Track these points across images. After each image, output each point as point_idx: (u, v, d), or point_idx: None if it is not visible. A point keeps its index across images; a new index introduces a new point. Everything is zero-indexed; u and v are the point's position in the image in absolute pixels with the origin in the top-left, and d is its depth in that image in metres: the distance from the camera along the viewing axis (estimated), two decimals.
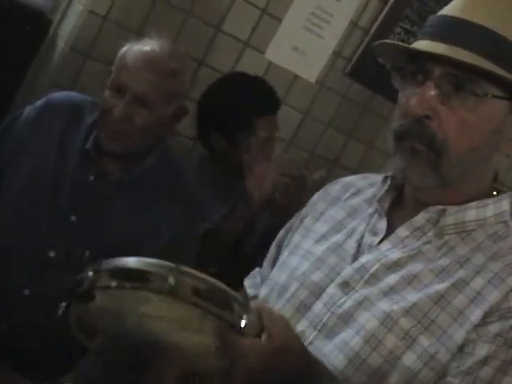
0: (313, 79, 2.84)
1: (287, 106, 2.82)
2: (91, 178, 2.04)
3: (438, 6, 1.26)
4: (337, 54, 2.84)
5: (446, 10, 1.26)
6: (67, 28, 2.39)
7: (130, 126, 1.98)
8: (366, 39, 2.86)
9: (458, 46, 1.20)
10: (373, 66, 2.82)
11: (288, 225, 1.57)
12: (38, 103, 2.13)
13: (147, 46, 2.01)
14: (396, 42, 1.31)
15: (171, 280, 0.99)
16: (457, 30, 1.22)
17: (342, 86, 2.92)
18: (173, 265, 1.01)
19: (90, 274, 1.05)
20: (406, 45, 1.29)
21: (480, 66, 1.18)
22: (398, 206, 1.37)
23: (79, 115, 2.10)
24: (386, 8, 2.85)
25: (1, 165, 2.10)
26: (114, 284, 1.02)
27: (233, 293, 1.04)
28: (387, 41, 1.32)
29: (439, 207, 1.29)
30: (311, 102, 2.88)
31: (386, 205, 1.37)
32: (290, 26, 2.70)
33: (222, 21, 2.57)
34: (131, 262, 1.03)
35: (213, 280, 1.02)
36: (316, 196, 1.54)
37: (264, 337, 1.06)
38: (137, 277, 1.01)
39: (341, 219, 1.43)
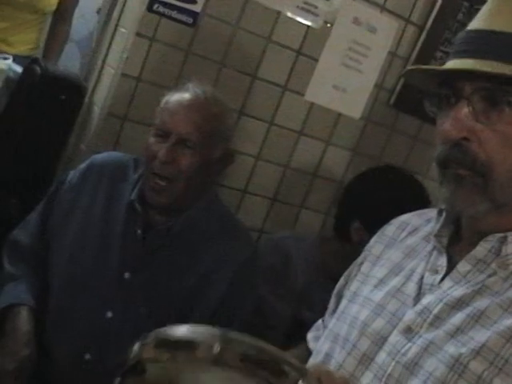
0: (357, 115, 2.77)
1: (334, 146, 2.76)
2: (139, 231, 2.03)
3: None
4: (379, 86, 2.77)
5: (471, 25, 1.19)
6: (102, 93, 2.38)
7: (176, 168, 1.96)
8: (409, 65, 2.79)
9: (484, 59, 1.14)
10: (417, 94, 2.77)
11: (347, 273, 1.51)
12: (82, 166, 2.14)
13: (188, 91, 2.01)
14: (422, 67, 1.25)
15: (217, 347, 0.92)
16: (482, 43, 1.16)
17: (389, 119, 2.85)
18: (219, 331, 0.94)
19: (136, 346, 1.00)
20: (431, 67, 1.23)
21: (509, 74, 1.11)
22: (457, 240, 1.28)
23: (123, 173, 2.11)
24: (424, 34, 2.78)
25: (49, 232, 2.10)
26: (159, 356, 0.97)
27: (286, 356, 0.96)
28: (413, 67, 1.26)
29: (499, 235, 1.19)
30: (359, 138, 2.81)
31: (445, 240, 1.28)
32: (327, 64, 2.64)
33: (257, 67, 2.53)
34: (176, 331, 0.97)
35: (263, 344, 0.95)
36: (372, 240, 1.47)
37: None
38: (182, 346, 0.95)
39: (399, 261, 1.35)
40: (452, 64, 1.19)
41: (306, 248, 2.45)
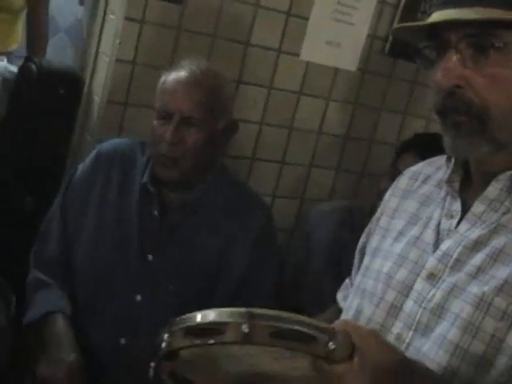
0: (353, 68, 2.78)
1: (335, 101, 2.77)
2: (155, 212, 2.05)
3: None
4: (372, 36, 2.77)
5: None
6: (100, 81, 2.39)
7: (183, 147, 1.98)
8: (398, 14, 2.79)
9: (466, 7, 1.15)
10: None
11: (367, 230, 1.54)
12: (89, 158, 2.16)
13: (183, 69, 2.02)
14: (406, 24, 1.25)
15: (245, 328, 0.95)
16: None
17: (385, 67, 2.85)
18: (244, 310, 0.97)
19: (166, 336, 1.03)
20: (415, 23, 1.24)
21: (490, 18, 1.12)
22: (468, 183, 1.30)
23: (131, 158, 2.13)
24: None
25: (69, 229, 2.12)
26: (190, 343, 1.00)
27: (313, 322, 0.99)
28: (398, 25, 1.27)
29: (509, 173, 1.22)
30: (358, 90, 2.81)
31: (457, 185, 1.30)
32: (319, 21, 2.64)
33: (250, 34, 2.53)
34: (202, 316, 1.00)
35: (287, 315, 0.98)
36: (388, 194, 1.50)
37: (356, 358, 1.01)
38: (210, 331, 0.98)
39: (415, 211, 1.38)
40: (436, 16, 1.20)
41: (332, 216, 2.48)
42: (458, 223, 1.27)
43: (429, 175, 1.41)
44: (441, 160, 1.40)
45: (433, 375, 1.16)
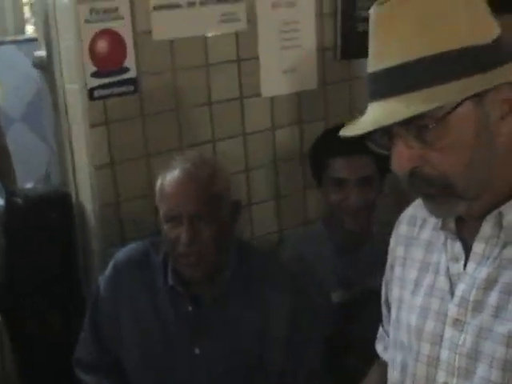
0: (314, 85, 2.81)
1: (308, 122, 2.81)
2: (190, 308, 2.10)
3: None
4: (321, 49, 2.81)
5: (368, 68, 1.25)
6: (86, 192, 2.41)
7: (201, 244, 2.01)
8: (338, 20, 2.82)
9: (396, 96, 1.20)
10: (358, 37, 2.81)
11: (384, 280, 1.59)
12: (108, 272, 2.19)
13: (176, 169, 2.05)
14: (343, 135, 1.28)
15: None
16: (382, 83, 1.22)
17: (343, 72, 2.88)
18: None
19: None
20: (349, 133, 1.26)
21: (407, 118, 1.18)
22: (462, 221, 1.35)
23: (148, 262, 2.17)
24: None
25: (107, 344, 2.19)
26: None
27: None
28: (340, 134, 1.29)
29: (494, 213, 1.28)
30: (326, 104, 2.85)
31: (452, 226, 1.36)
32: (268, 55, 2.66)
33: (209, 94, 2.56)
34: None
35: None
36: (392, 242, 1.55)
37: None
38: None
39: (422, 258, 1.44)
40: (363, 119, 1.25)
41: (316, 242, 2.53)
42: (465, 263, 1.33)
43: (424, 218, 1.46)
44: None
45: None
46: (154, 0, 2.37)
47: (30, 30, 4.50)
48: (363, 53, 1.34)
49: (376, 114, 1.22)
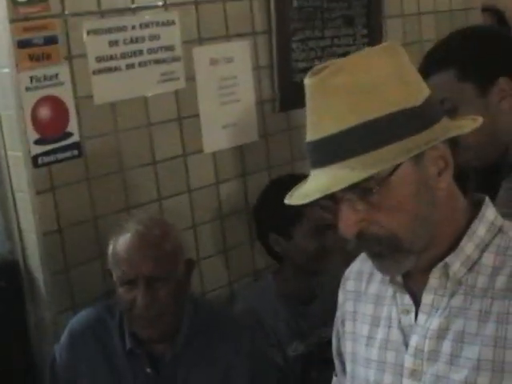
0: (256, 137, 2.85)
1: (252, 174, 2.85)
2: (148, 370, 2.10)
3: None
4: (260, 102, 2.86)
5: (307, 137, 1.29)
6: (34, 257, 2.39)
7: (158, 305, 2.03)
8: (275, 72, 2.88)
9: (339, 162, 1.24)
10: (295, 88, 2.87)
11: (334, 332, 1.62)
12: (64, 340, 2.18)
13: (128, 232, 2.06)
14: (290, 203, 1.32)
15: None
16: (320, 152, 1.26)
17: (284, 122, 2.94)
18: None
19: None
20: (293, 202, 1.31)
21: (346, 187, 1.22)
22: (409, 273, 1.39)
23: (104, 326, 2.16)
24: (274, 36, 2.85)
25: None
26: None
27: None
28: (287, 202, 1.33)
29: (440, 265, 1.32)
30: (268, 154, 2.90)
31: (400, 280, 1.40)
32: (208, 111, 2.70)
33: (153, 153, 2.58)
34: None
35: None
36: (340, 297, 1.58)
37: None
38: None
39: (373, 312, 1.47)
40: (306, 186, 1.30)
41: (267, 296, 2.56)
42: (416, 314, 1.37)
43: (371, 273, 1.50)
44: None
45: None
46: (93, 64, 2.39)
47: None
48: (301, 103, 1.39)
49: (320, 181, 1.26)
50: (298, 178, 2.41)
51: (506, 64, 1.89)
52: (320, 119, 1.26)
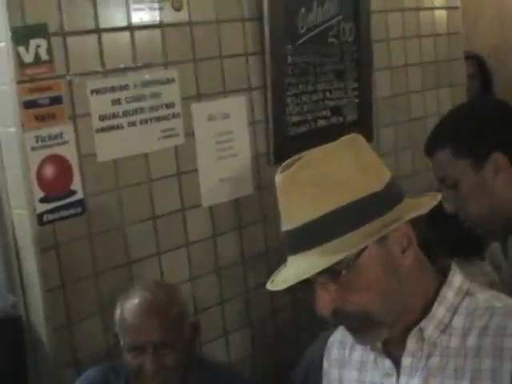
0: (251, 190, 2.91)
1: (246, 227, 2.89)
2: None
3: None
4: (255, 156, 2.93)
5: (282, 224, 1.40)
6: (38, 314, 2.41)
7: (166, 371, 2.07)
8: (270, 126, 2.95)
9: (303, 251, 1.35)
10: (290, 142, 2.94)
11: None
12: None
13: (135, 297, 2.11)
14: (271, 289, 1.42)
15: None
16: (294, 240, 1.37)
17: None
18: None
19: None
20: (274, 288, 1.40)
21: (321, 268, 1.32)
22: (388, 339, 1.47)
23: None
24: (268, 90, 2.92)
25: None
26: None
27: None
28: (268, 287, 1.43)
29: (415, 330, 1.43)
30: (263, 208, 2.95)
31: (379, 346, 1.50)
32: (206, 166, 2.76)
33: (153, 208, 2.62)
34: None
35: None
36: (325, 365, 1.68)
37: None
38: None
39: (357, 377, 1.57)
40: (288, 270, 1.40)
41: None
42: (398, 376, 1.47)
43: (353, 341, 1.56)
44: None
45: None
46: (96, 123, 2.43)
47: None
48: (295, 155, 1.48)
49: (296, 267, 1.37)
50: None
51: (500, 139, 1.99)
52: (288, 212, 1.37)
